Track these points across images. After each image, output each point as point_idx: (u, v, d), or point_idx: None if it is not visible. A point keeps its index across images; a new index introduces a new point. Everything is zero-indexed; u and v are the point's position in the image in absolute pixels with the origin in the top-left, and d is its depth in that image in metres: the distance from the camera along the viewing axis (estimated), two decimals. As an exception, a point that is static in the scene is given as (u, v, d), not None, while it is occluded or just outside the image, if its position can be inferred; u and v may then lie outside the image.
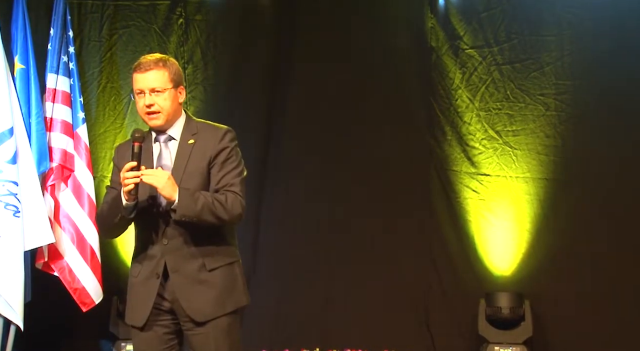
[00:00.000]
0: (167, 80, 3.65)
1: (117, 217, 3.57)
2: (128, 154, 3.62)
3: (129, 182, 3.49)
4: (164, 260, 3.62)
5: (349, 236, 6.26)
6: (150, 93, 3.63)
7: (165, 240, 3.62)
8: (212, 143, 3.69)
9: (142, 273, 3.66)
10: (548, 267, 6.10)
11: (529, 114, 6.22)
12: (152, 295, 3.62)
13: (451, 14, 6.30)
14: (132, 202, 3.54)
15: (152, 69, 3.63)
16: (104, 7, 6.32)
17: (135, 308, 3.68)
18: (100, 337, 6.17)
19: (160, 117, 3.64)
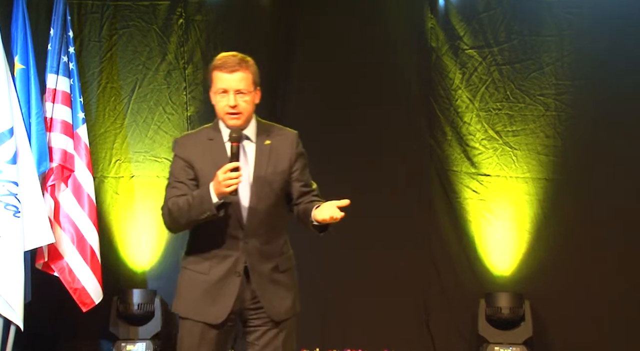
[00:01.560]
0: (251, 83, 3.68)
1: (203, 214, 3.53)
2: (198, 148, 3.66)
3: (232, 182, 3.47)
4: (244, 259, 3.63)
5: (348, 236, 6.24)
6: (235, 94, 3.64)
7: (246, 239, 3.64)
8: (290, 146, 3.76)
9: (215, 271, 3.64)
10: (548, 267, 6.10)
11: (529, 114, 6.22)
12: (234, 293, 3.63)
13: (451, 14, 6.30)
14: (228, 200, 3.54)
15: (238, 70, 3.65)
16: (104, 7, 6.32)
17: (212, 304, 3.64)
18: (100, 337, 6.17)
19: (241, 117, 3.66)
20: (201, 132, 3.78)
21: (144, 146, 6.34)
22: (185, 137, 3.81)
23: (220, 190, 3.48)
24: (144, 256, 6.29)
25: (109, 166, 6.31)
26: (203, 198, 3.53)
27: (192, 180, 3.66)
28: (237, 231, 3.63)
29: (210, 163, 3.62)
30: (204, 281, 3.66)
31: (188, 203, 3.57)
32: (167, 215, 3.66)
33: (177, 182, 3.68)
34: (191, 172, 3.67)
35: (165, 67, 6.36)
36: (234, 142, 3.59)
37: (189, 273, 3.71)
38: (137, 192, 6.32)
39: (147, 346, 5.93)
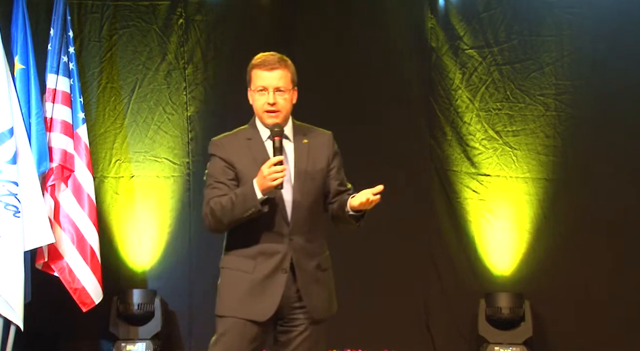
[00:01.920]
0: (289, 81, 3.73)
1: (248, 211, 3.53)
2: (237, 148, 3.67)
3: (277, 175, 3.48)
4: (290, 256, 3.63)
5: (348, 235, 6.24)
6: (274, 91, 3.67)
7: (291, 236, 3.64)
8: (326, 145, 3.79)
9: (261, 268, 3.63)
10: (548, 267, 6.10)
11: (529, 114, 6.22)
12: (281, 290, 3.62)
13: (451, 14, 6.30)
14: (272, 195, 3.55)
15: (277, 68, 3.69)
16: (104, 7, 6.31)
17: (258, 302, 3.62)
18: (100, 337, 6.17)
19: (279, 116, 3.68)
20: (238, 133, 3.79)
21: (144, 146, 6.34)
22: (223, 138, 3.80)
23: (266, 185, 3.49)
24: (144, 256, 6.29)
25: (109, 166, 6.31)
26: (247, 195, 3.53)
27: (232, 180, 3.66)
28: (282, 228, 3.64)
29: (252, 163, 3.63)
30: (249, 280, 3.64)
31: (231, 201, 3.56)
32: (210, 216, 3.63)
33: (218, 182, 3.67)
34: (231, 172, 3.67)
35: (165, 67, 6.36)
36: (277, 136, 3.60)
37: (231, 273, 3.69)
38: (137, 192, 6.32)
39: (147, 346, 5.93)
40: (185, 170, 6.34)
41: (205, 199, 3.66)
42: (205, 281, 6.28)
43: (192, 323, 6.28)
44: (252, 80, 3.73)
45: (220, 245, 6.34)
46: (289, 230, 3.64)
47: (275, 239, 3.64)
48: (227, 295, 3.69)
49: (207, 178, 3.72)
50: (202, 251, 6.30)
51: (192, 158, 6.35)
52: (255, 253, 3.64)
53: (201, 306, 6.28)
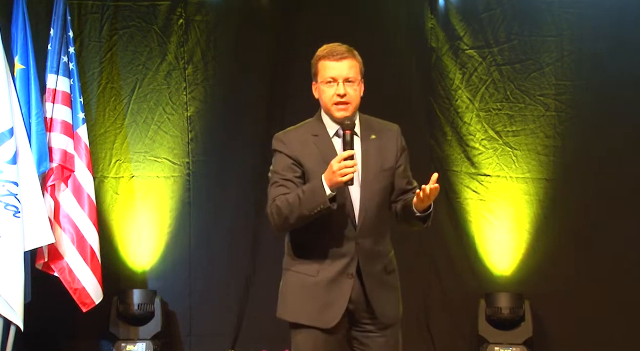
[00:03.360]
0: (358, 71, 3.60)
1: (316, 208, 3.37)
2: (303, 143, 3.53)
3: (348, 170, 3.34)
4: (357, 261, 3.50)
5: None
6: (343, 82, 3.54)
7: (358, 239, 3.50)
8: (393, 141, 3.64)
9: (325, 272, 3.49)
10: (548, 267, 6.10)
11: (528, 115, 6.22)
12: (346, 295, 3.48)
13: (451, 14, 6.30)
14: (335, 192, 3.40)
15: (346, 58, 3.57)
16: (104, 7, 6.31)
17: (323, 308, 3.50)
18: (100, 337, 6.17)
19: (349, 108, 3.55)
20: (303, 128, 3.65)
21: (144, 146, 6.34)
22: (288, 134, 3.66)
23: (335, 180, 3.34)
24: (144, 256, 6.29)
25: (109, 166, 6.31)
26: (315, 192, 3.38)
27: (299, 178, 3.52)
28: (349, 230, 3.49)
29: (320, 160, 3.50)
30: (313, 284, 3.50)
31: (298, 198, 3.40)
32: (276, 214, 3.47)
33: (284, 179, 3.52)
34: (298, 169, 3.53)
35: (165, 67, 6.36)
36: (347, 130, 3.46)
37: (294, 276, 3.56)
38: (137, 192, 6.32)
39: (147, 346, 5.93)
40: (185, 170, 6.34)
41: (271, 197, 3.52)
42: (205, 281, 6.31)
43: (192, 323, 6.28)
44: (318, 72, 3.59)
45: (218, 245, 6.41)
46: (356, 233, 3.50)
47: (341, 242, 3.49)
48: (292, 300, 3.57)
49: (272, 176, 3.58)
50: (202, 251, 6.31)
51: (192, 158, 6.35)
52: (321, 256, 3.50)
53: (201, 306, 6.29)
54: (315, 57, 3.64)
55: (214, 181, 6.35)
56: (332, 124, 3.59)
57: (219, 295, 6.29)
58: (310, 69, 3.65)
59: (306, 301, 3.53)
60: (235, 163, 6.34)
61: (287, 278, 3.60)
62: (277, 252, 6.24)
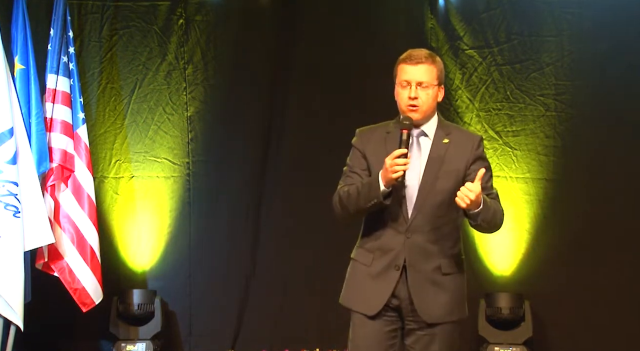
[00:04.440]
0: (434, 77, 3.68)
1: (370, 202, 3.55)
2: (375, 140, 3.69)
3: (399, 168, 3.48)
4: (404, 254, 3.62)
5: (349, 236, 6.24)
6: (416, 86, 3.65)
7: (409, 234, 3.62)
8: (469, 147, 3.69)
9: (377, 263, 3.65)
10: (548, 267, 6.10)
11: (528, 115, 6.22)
12: (391, 286, 3.62)
13: (451, 14, 6.30)
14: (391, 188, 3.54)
15: (422, 63, 3.66)
16: (104, 7, 6.31)
17: (368, 296, 3.66)
18: (100, 337, 6.17)
19: (419, 111, 3.65)
20: (381, 125, 3.80)
21: (144, 146, 6.34)
22: (366, 129, 3.83)
23: (387, 177, 3.49)
24: (144, 256, 6.29)
25: (109, 166, 6.31)
26: (371, 186, 3.55)
27: (365, 171, 3.69)
28: (401, 225, 3.62)
29: (384, 155, 3.59)
30: (367, 273, 3.67)
31: (357, 190, 3.60)
32: (338, 203, 3.70)
33: (351, 171, 3.73)
34: (364, 162, 3.70)
35: (166, 68, 6.36)
36: (404, 129, 3.58)
37: (355, 265, 3.75)
38: (137, 192, 6.32)
39: (147, 346, 5.93)
40: (185, 170, 6.34)
41: (338, 187, 3.73)
42: (205, 281, 6.31)
43: (192, 323, 6.28)
44: (397, 75, 3.72)
45: (218, 245, 6.41)
46: (406, 227, 3.62)
47: (392, 235, 3.63)
48: (350, 286, 3.76)
49: (345, 168, 3.78)
50: (202, 251, 6.31)
51: (192, 159, 6.35)
52: (374, 247, 3.66)
53: (201, 307, 6.29)
54: (397, 61, 3.76)
55: (214, 181, 6.35)
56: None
57: (219, 295, 6.29)
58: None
59: (358, 289, 3.70)
60: (235, 163, 6.34)
61: (350, 266, 3.79)
62: (277, 252, 6.32)
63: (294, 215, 6.31)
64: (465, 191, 3.47)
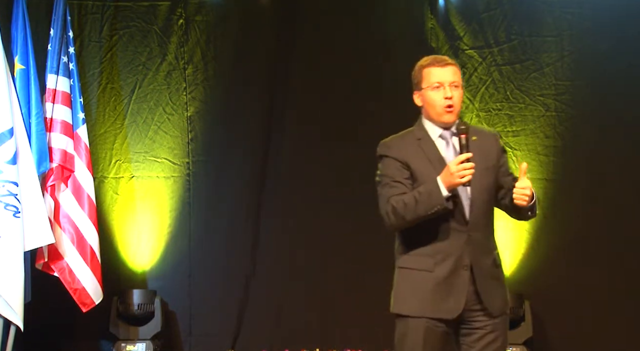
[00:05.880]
0: (460, 78, 3.76)
1: (433, 208, 3.56)
2: (410, 148, 3.71)
3: (466, 172, 3.52)
4: (469, 253, 3.64)
5: (349, 236, 6.26)
6: (449, 86, 3.70)
7: (469, 233, 3.66)
8: (493, 143, 3.79)
9: (441, 267, 3.63)
10: (548, 267, 6.10)
11: (528, 115, 6.22)
12: (465, 287, 3.62)
13: (451, 14, 6.30)
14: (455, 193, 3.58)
15: (450, 64, 3.74)
16: (104, 7, 6.32)
17: (442, 301, 3.62)
18: (100, 337, 6.17)
19: (455, 111, 3.71)
20: (406, 134, 3.84)
21: (144, 146, 6.34)
22: (393, 140, 3.84)
23: (453, 182, 3.52)
24: (144, 256, 6.29)
25: (109, 166, 6.31)
26: (432, 193, 3.56)
27: (408, 180, 3.69)
28: (461, 225, 3.65)
29: (426, 162, 3.67)
30: (432, 279, 3.64)
31: (415, 199, 3.59)
32: (392, 213, 3.66)
33: (395, 181, 3.70)
34: (406, 171, 3.70)
35: (166, 68, 6.36)
36: (463, 134, 3.62)
37: (410, 273, 3.70)
38: (137, 193, 6.32)
39: (147, 346, 5.93)
40: (185, 171, 6.34)
41: (384, 198, 3.71)
42: (205, 281, 6.31)
43: (192, 323, 6.28)
44: (423, 79, 3.77)
45: (218, 245, 6.40)
46: (467, 227, 3.65)
47: (453, 237, 3.64)
48: (410, 295, 3.69)
49: (382, 178, 3.76)
50: (202, 251, 6.31)
51: (192, 159, 6.35)
52: (434, 251, 3.65)
53: (201, 307, 6.29)
54: (417, 68, 3.82)
55: (214, 181, 6.35)
56: (435, 128, 3.76)
57: (219, 295, 6.29)
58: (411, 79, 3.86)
59: (426, 296, 3.65)
60: (235, 164, 6.34)
61: (402, 275, 3.75)
62: (277, 252, 6.32)
63: (294, 215, 6.31)
64: (519, 191, 3.62)
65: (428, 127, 3.78)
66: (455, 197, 3.61)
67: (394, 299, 3.76)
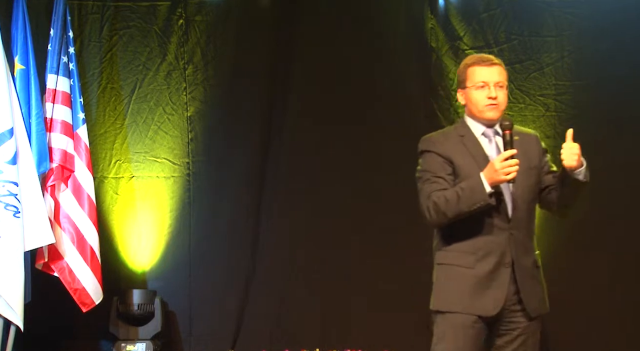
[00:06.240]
0: (506, 79, 3.78)
1: (475, 205, 3.57)
2: (453, 144, 3.72)
3: (511, 169, 3.53)
4: (510, 251, 3.65)
5: (348, 236, 6.26)
6: (494, 86, 3.72)
7: (511, 231, 3.66)
8: (535, 143, 3.84)
9: (482, 264, 3.65)
10: (547, 267, 6.07)
11: (528, 115, 6.22)
12: (505, 284, 3.64)
13: (451, 14, 6.30)
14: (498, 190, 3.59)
15: (496, 64, 3.77)
16: (104, 8, 6.32)
17: (483, 297, 3.63)
18: (100, 337, 6.17)
19: (498, 109, 3.74)
20: (448, 131, 3.86)
21: (144, 146, 6.34)
22: (435, 136, 3.86)
23: (497, 179, 3.54)
24: (144, 256, 6.30)
25: (109, 166, 6.31)
26: (474, 189, 3.57)
27: (450, 175, 3.70)
28: (503, 222, 3.65)
29: (469, 157, 3.69)
30: (472, 276, 3.66)
31: (457, 195, 3.60)
32: (433, 209, 3.68)
33: (436, 177, 3.72)
34: (449, 167, 3.71)
35: (166, 68, 6.36)
36: (507, 130, 3.63)
37: (451, 269, 3.73)
38: (137, 193, 6.33)
39: (147, 346, 5.93)
40: (185, 171, 6.35)
41: (424, 193, 3.71)
42: (205, 281, 6.31)
43: (192, 323, 6.28)
44: (468, 78, 3.77)
45: (218, 245, 6.40)
46: (509, 225, 3.66)
47: (495, 234, 3.65)
48: (450, 291, 3.71)
49: (423, 174, 3.77)
50: (202, 251, 6.31)
51: (192, 159, 6.35)
52: (475, 248, 3.66)
53: (201, 307, 6.29)
54: (462, 66, 3.83)
55: (214, 181, 6.35)
56: (478, 126, 3.78)
57: (219, 295, 6.29)
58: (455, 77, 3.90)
59: (466, 293, 3.66)
60: (235, 164, 6.34)
61: (442, 271, 3.78)
62: (277, 252, 6.32)
63: (294, 215, 6.31)
64: (568, 150, 3.68)
65: (471, 125, 3.78)
66: (498, 194, 3.60)
67: (435, 296, 3.78)
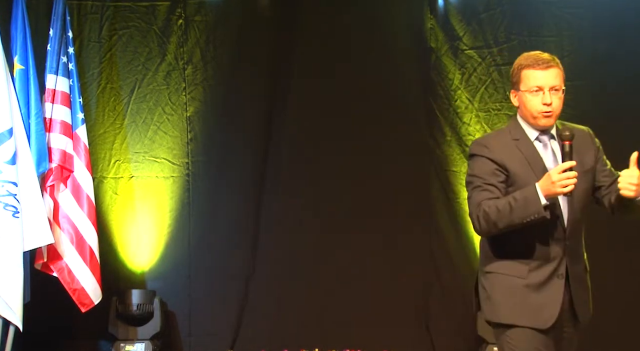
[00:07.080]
0: (562, 80, 3.61)
1: (528, 217, 3.38)
2: (507, 149, 3.53)
3: (569, 182, 3.36)
4: (566, 261, 3.55)
5: (348, 236, 6.26)
6: (549, 91, 3.55)
7: (567, 241, 3.54)
8: (590, 143, 3.68)
9: (535, 274, 3.51)
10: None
11: (528, 115, 6.22)
12: (559, 296, 3.52)
13: (451, 14, 6.30)
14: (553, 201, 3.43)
15: (552, 66, 3.57)
16: (103, 8, 6.32)
17: (536, 309, 3.51)
18: (99, 338, 6.17)
19: (553, 116, 3.57)
20: (502, 133, 3.65)
21: (143, 146, 6.34)
22: (489, 138, 3.66)
23: (553, 191, 3.36)
24: (143, 256, 6.30)
25: (108, 166, 6.31)
26: (529, 200, 3.39)
27: (503, 183, 3.52)
28: (559, 232, 3.52)
29: (524, 163, 3.52)
30: (525, 286, 3.52)
31: (509, 205, 3.41)
32: (482, 219, 3.48)
33: (488, 184, 3.51)
34: (502, 174, 3.52)
35: (165, 68, 6.36)
36: (567, 141, 3.47)
37: (502, 278, 3.58)
38: (136, 193, 6.33)
39: (146, 346, 5.93)
40: (185, 171, 6.35)
41: (475, 201, 3.52)
42: (205, 281, 6.31)
43: (192, 323, 6.28)
44: (522, 81, 3.57)
45: (218, 245, 6.40)
46: (565, 234, 3.54)
47: (551, 244, 3.52)
48: (503, 301, 3.57)
49: (474, 180, 3.56)
50: (202, 251, 6.31)
51: (191, 159, 6.35)
52: (529, 257, 3.52)
53: (201, 306, 6.29)
54: (516, 66, 3.62)
55: (214, 181, 6.35)
56: (532, 130, 3.60)
57: (219, 295, 6.29)
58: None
59: (520, 304, 3.54)
60: (235, 164, 6.34)
61: (493, 280, 3.62)
62: (277, 252, 6.32)
63: (294, 215, 6.31)
64: (626, 179, 3.48)
65: (524, 127, 3.61)
66: (554, 206, 3.44)
67: (489, 306, 3.64)
